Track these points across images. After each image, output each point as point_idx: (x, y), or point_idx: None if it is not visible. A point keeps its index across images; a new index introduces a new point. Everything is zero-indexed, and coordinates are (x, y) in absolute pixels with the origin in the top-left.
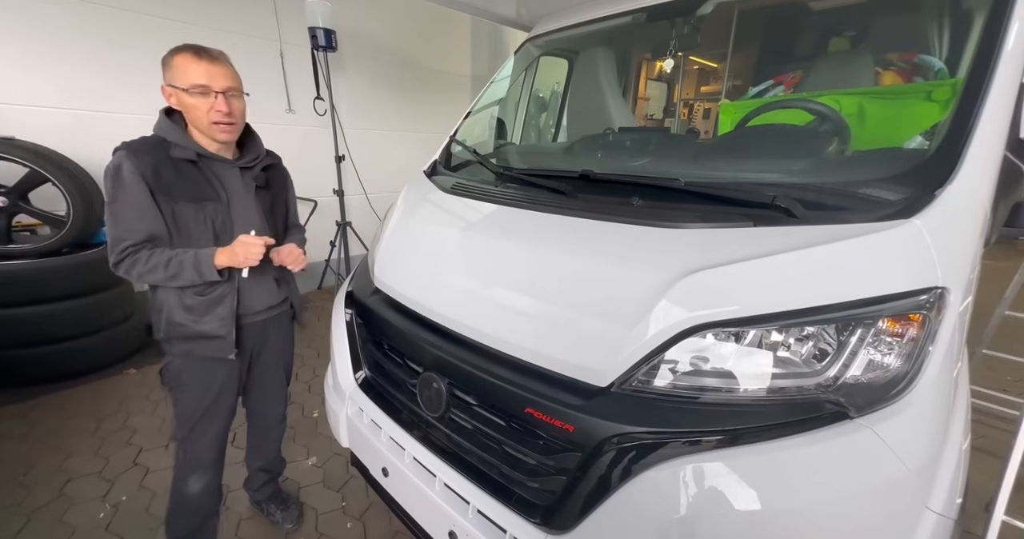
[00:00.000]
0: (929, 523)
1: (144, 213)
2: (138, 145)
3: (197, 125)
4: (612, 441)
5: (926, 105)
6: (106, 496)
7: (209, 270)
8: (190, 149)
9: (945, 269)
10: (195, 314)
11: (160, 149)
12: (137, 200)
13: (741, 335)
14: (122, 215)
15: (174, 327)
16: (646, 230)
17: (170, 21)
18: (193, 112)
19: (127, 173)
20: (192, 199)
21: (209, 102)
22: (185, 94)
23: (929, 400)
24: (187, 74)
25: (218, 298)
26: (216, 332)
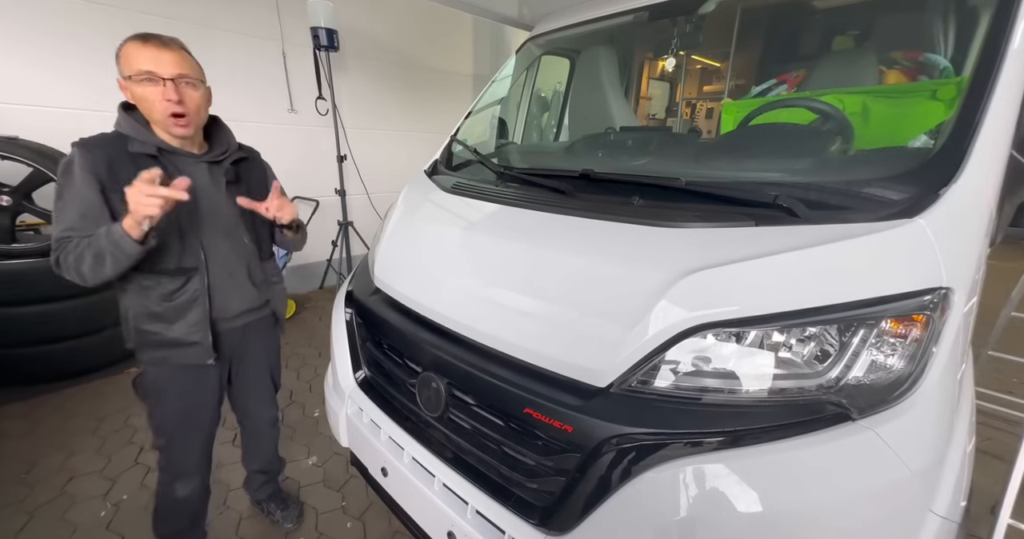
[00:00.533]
0: (933, 526)
1: (89, 212)
2: (93, 140)
3: (152, 118)
4: (611, 442)
5: (931, 104)
6: (107, 494)
7: (122, 238)
8: (149, 143)
9: (950, 269)
10: (164, 321)
11: (117, 144)
12: (84, 198)
13: (742, 335)
14: (65, 213)
15: (144, 336)
16: (647, 229)
17: (172, 20)
18: (144, 104)
19: (77, 169)
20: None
21: (158, 91)
22: (130, 83)
23: (933, 402)
24: (131, 61)
25: (188, 302)
26: (190, 338)
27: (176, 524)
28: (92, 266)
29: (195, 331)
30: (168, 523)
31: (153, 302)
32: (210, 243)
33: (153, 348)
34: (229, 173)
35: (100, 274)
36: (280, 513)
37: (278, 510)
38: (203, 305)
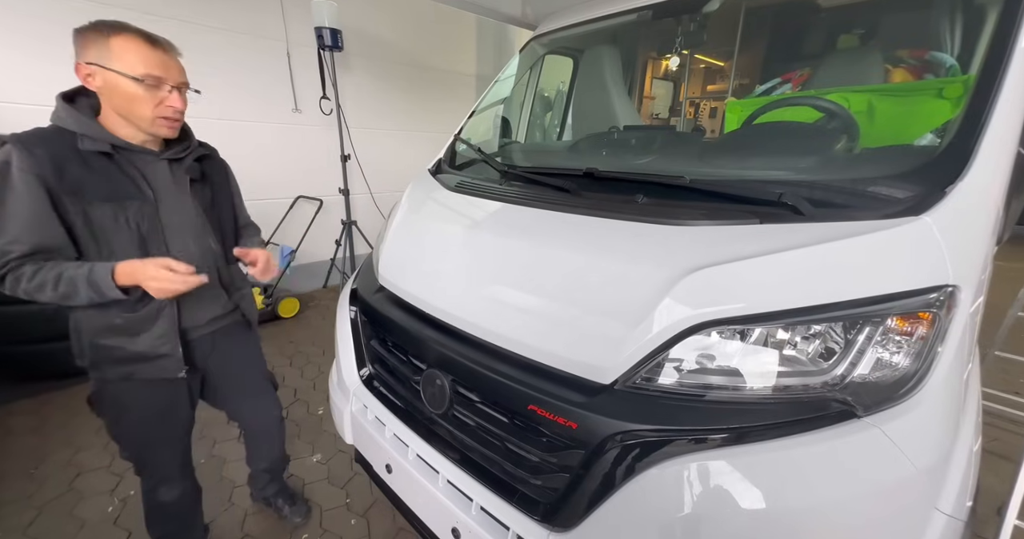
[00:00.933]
0: (939, 524)
1: (35, 220)
2: (31, 137)
3: (132, 116)
4: (615, 438)
5: (937, 102)
6: (114, 490)
7: (108, 288)
8: (102, 140)
9: (956, 267)
10: (126, 334)
11: (61, 140)
12: (28, 204)
13: (746, 333)
14: (6, 222)
15: (103, 351)
16: (651, 227)
17: (176, 21)
18: (132, 102)
19: (17, 172)
20: (109, 198)
21: (159, 96)
22: (128, 81)
23: (939, 400)
24: (137, 61)
25: (152, 313)
26: (158, 351)
27: (168, 526)
28: (51, 297)
29: (163, 343)
30: (159, 526)
31: (112, 314)
32: (176, 247)
33: (115, 364)
34: (193, 171)
35: (51, 300)
36: (288, 509)
37: (286, 505)
38: (171, 315)
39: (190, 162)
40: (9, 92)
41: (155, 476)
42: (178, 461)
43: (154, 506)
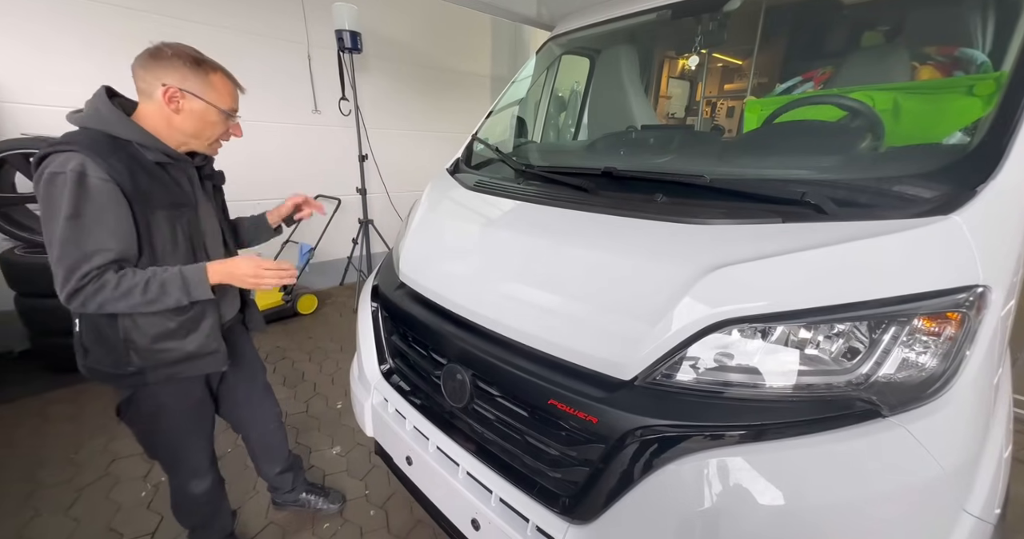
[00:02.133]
0: (966, 526)
1: (119, 228)
2: (97, 145)
3: (199, 136)
4: (635, 433)
5: (967, 100)
6: (147, 476)
7: (201, 289)
8: (158, 149)
9: (987, 267)
10: (179, 336)
11: (123, 149)
12: (112, 212)
13: (768, 331)
14: (90, 232)
15: (156, 355)
16: (670, 226)
17: (203, 25)
18: (209, 128)
19: (96, 180)
20: (168, 206)
21: (230, 126)
22: (216, 112)
23: (967, 401)
24: (228, 96)
25: (200, 313)
26: (207, 348)
27: (199, 516)
28: (136, 303)
29: (211, 340)
30: (191, 517)
31: (165, 318)
32: (211, 250)
33: (165, 366)
34: (218, 178)
35: (123, 310)
36: (323, 501)
37: (320, 499)
38: (215, 313)
39: (209, 170)
40: (47, 96)
41: (187, 471)
42: (208, 453)
43: (185, 499)
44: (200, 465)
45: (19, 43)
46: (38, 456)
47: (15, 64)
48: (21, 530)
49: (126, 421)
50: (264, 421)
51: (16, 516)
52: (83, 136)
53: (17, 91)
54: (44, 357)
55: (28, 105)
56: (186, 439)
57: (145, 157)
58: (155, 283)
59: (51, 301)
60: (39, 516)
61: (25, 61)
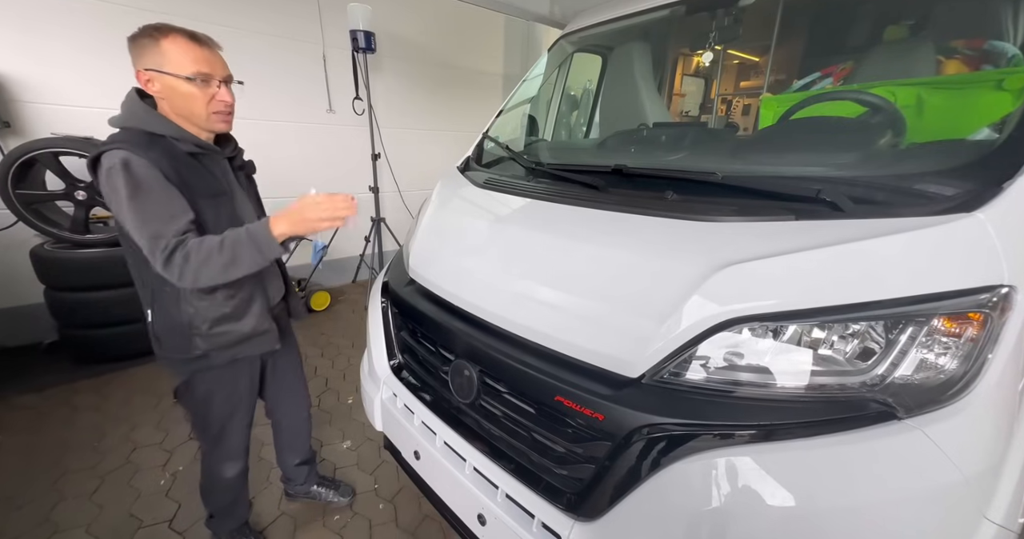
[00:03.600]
0: (988, 534)
1: (176, 200)
2: (135, 141)
3: (191, 115)
4: (642, 431)
5: (996, 94)
6: (166, 465)
7: (270, 246)
8: (188, 141)
9: (1013, 267)
10: (235, 319)
11: (158, 143)
12: (164, 190)
13: (779, 330)
14: (154, 205)
15: (217, 338)
16: (681, 224)
17: (221, 26)
18: (189, 101)
19: (142, 168)
20: (209, 195)
21: (210, 92)
22: (182, 82)
23: (989, 405)
24: (185, 60)
25: (249, 296)
26: (260, 327)
27: (225, 500)
28: (217, 268)
29: (263, 320)
30: (218, 500)
31: (220, 304)
32: None
33: (225, 348)
34: (249, 168)
35: (220, 278)
36: (334, 493)
37: (331, 491)
38: (263, 294)
39: (240, 161)
40: (86, 97)
41: (224, 453)
42: (245, 439)
43: (217, 481)
44: (237, 449)
45: (47, 45)
46: (65, 443)
47: (44, 65)
48: (49, 513)
49: (182, 403)
50: (298, 409)
51: (44, 499)
52: (124, 135)
53: (46, 92)
54: (71, 348)
55: (57, 105)
56: (229, 423)
57: (179, 149)
58: (227, 244)
59: (79, 295)
60: (64, 500)
61: (53, 62)
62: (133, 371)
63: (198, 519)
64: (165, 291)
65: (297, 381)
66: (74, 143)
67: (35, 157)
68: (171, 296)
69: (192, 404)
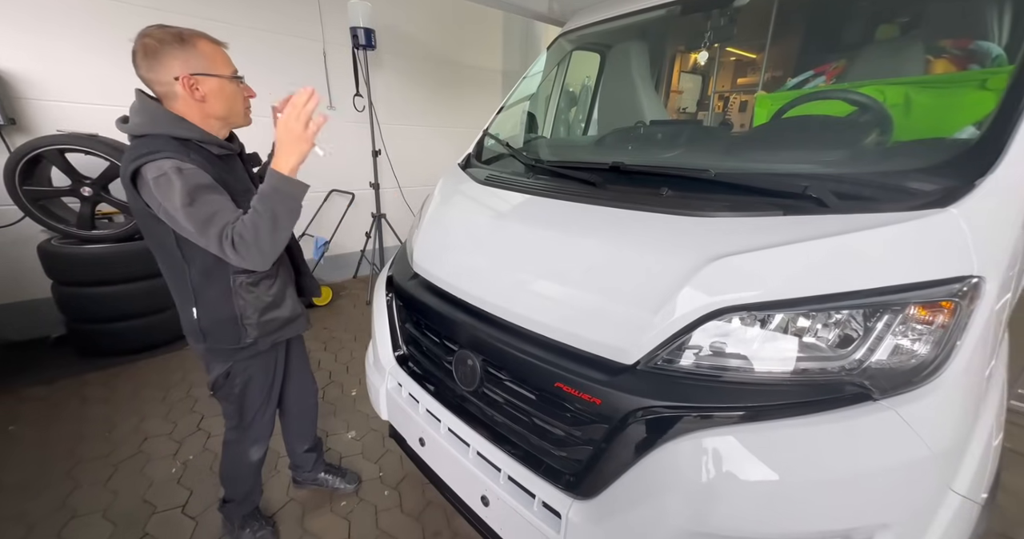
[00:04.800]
0: (953, 504)
1: (223, 197)
2: (171, 147)
3: (231, 114)
4: (637, 414)
5: (980, 94)
6: (176, 454)
7: (291, 183)
8: (214, 143)
9: (982, 259)
10: (277, 306)
11: (188, 148)
12: (213, 187)
13: (766, 319)
14: (213, 205)
15: (268, 325)
16: (675, 219)
17: (222, 23)
18: (233, 100)
19: (190, 169)
20: (239, 193)
21: (242, 88)
22: (227, 82)
23: (957, 388)
24: (219, 62)
25: (284, 283)
26: (296, 312)
27: (245, 485)
28: (270, 231)
29: (297, 304)
30: (240, 484)
31: (264, 293)
32: None
33: (271, 334)
34: (254, 161)
35: (279, 239)
36: (340, 481)
37: (338, 479)
38: (292, 284)
39: (247, 155)
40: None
41: (252, 438)
42: (272, 423)
43: (242, 464)
44: (265, 434)
45: (52, 43)
46: (77, 433)
47: (49, 63)
48: (66, 499)
49: (219, 394)
50: (306, 396)
51: (60, 487)
52: (157, 143)
53: (51, 89)
54: (78, 343)
55: (62, 102)
56: (262, 408)
57: (209, 152)
58: (260, 207)
59: (84, 289)
60: (80, 487)
61: (58, 60)
62: (140, 365)
63: (210, 505)
64: (211, 288)
65: (304, 366)
66: (80, 140)
67: (41, 154)
68: (218, 292)
69: (231, 392)
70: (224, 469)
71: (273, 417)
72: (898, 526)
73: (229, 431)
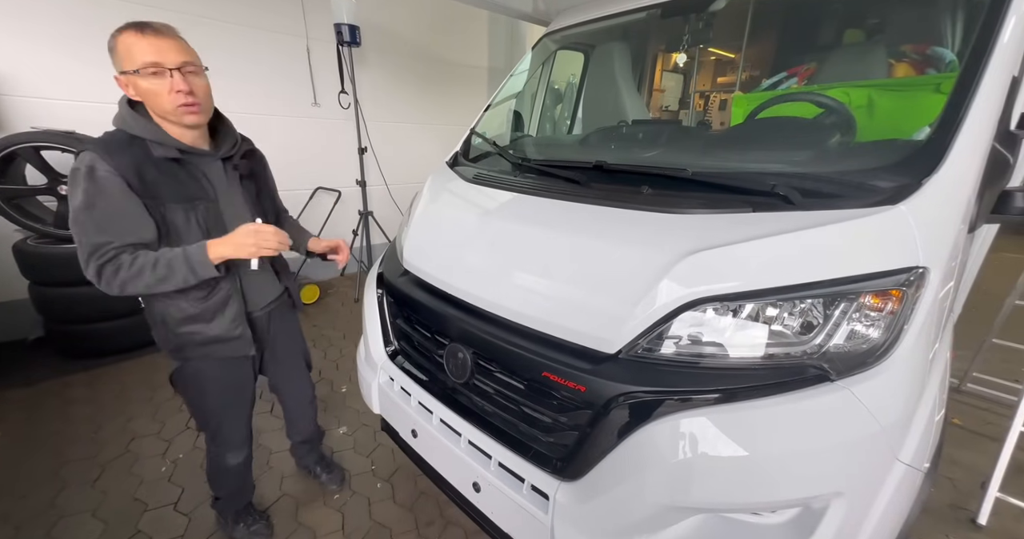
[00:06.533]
0: (899, 471)
1: (132, 217)
2: (110, 144)
3: (160, 112)
4: (619, 399)
5: (935, 97)
6: (165, 453)
7: (204, 267)
8: (170, 145)
9: (927, 251)
10: (202, 321)
11: (135, 147)
12: (121, 203)
13: (736, 309)
14: (104, 221)
15: (183, 337)
16: (654, 216)
17: (201, 18)
18: (153, 98)
19: (104, 174)
20: (181, 200)
21: (167, 83)
22: (138, 78)
23: (904, 368)
24: (134, 54)
25: (222, 301)
26: (232, 333)
27: (231, 486)
28: (148, 283)
29: (235, 326)
30: (223, 485)
31: (189, 305)
32: None
33: (196, 347)
34: (242, 168)
35: (147, 289)
36: (325, 476)
37: (323, 473)
38: (238, 301)
39: (238, 159)
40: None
41: (225, 444)
42: (244, 431)
43: (221, 469)
44: (235, 440)
45: (25, 38)
46: (61, 435)
47: (23, 58)
48: (54, 499)
49: (177, 389)
50: (299, 394)
51: (47, 488)
52: (105, 136)
53: (26, 85)
54: (57, 344)
55: (37, 99)
56: (224, 413)
57: (161, 154)
58: (163, 262)
59: (64, 290)
60: (68, 488)
61: (32, 55)
62: (124, 365)
63: (202, 501)
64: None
65: (295, 369)
66: (55, 137)
67: (15, 151)
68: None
69: (184, 391)
70: (207, 468)
71: (245, 426)
72: (851, 493)
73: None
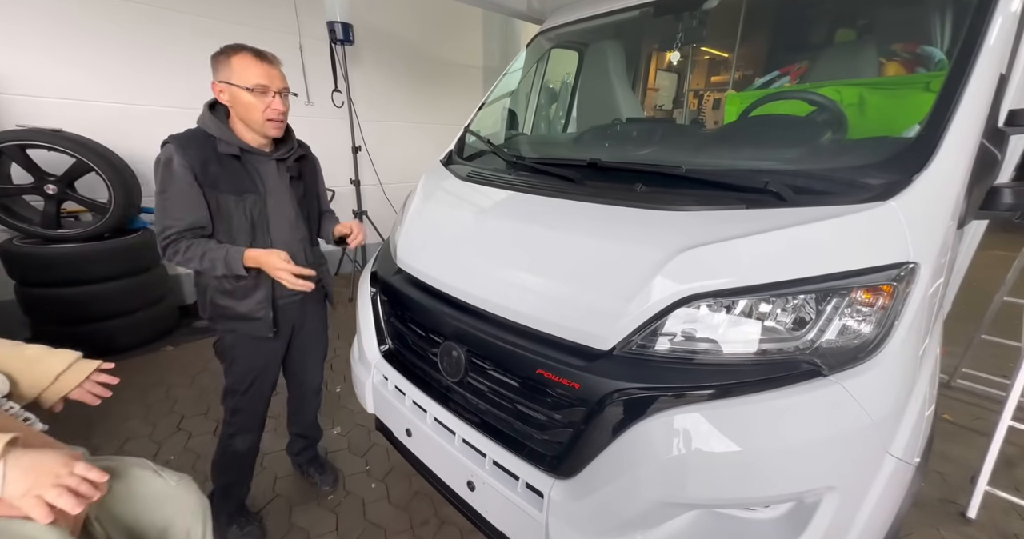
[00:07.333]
0: (890, 465)
1: (191, 203)
2: (186, 139)
3: (249, 121)
4: (613, 396)
5: (925, 95)
6: (156, 456)
7: (237, 268)
8: (234, 145)
9: (917, 247)
10: (235, 298)
11: (206, 144)
12: (186, 191)
13: (730, 305)
14: (171, 205)
15: (217, 309)
16: (647, 213)
17: (192, 15)
18: (249, 110)
19: (177, 167)
20: (235, 191)
21: (266, 101)
22: (244, 92)
23: (895, 363)
24: (248, 74)
25: (253, 284)
26: (255, 314)
27: (232, 475)
28: (196, 267)
29: (260, 308)
30: (226, 474)
31: (227, 282)
32: (276, 234)
33: (226, 320)
34: (293, 169)
35: (197, 269)
36: (319, 476)
37: (317, 474)
38: (267, 287)
39: (291, 162)
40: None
41: (239, 424)
42: (260, 414)
43: (229, 453)
44: (249, 422)
45: (11, 33)
46: (52, 436)
47: (9, 55)
48: None
49: (218, 358)
50: (307, 385)
51: None
52: (185, 132)
53: (12, 82)
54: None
55: (22, 96)
56: (244, 395)
57: (224, 151)
58: (208, 257)
59: (51, 291)
60: None
61: (20, 52)
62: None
63: None
64: None
65: (312, 357)
66: (42, 135)
67: (0, 149)
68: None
69: (222, 359)
70: (215, 457)
71: (259, 410)
72: (844, 487)
73: (224, 410)
